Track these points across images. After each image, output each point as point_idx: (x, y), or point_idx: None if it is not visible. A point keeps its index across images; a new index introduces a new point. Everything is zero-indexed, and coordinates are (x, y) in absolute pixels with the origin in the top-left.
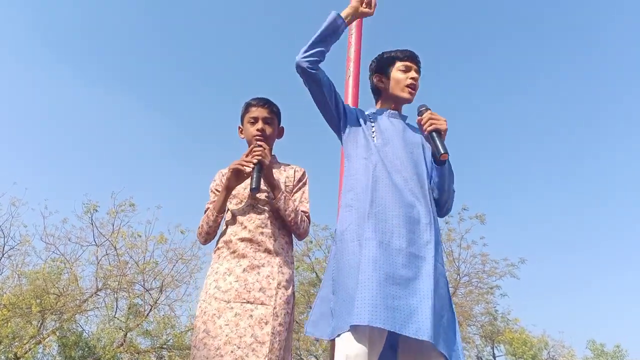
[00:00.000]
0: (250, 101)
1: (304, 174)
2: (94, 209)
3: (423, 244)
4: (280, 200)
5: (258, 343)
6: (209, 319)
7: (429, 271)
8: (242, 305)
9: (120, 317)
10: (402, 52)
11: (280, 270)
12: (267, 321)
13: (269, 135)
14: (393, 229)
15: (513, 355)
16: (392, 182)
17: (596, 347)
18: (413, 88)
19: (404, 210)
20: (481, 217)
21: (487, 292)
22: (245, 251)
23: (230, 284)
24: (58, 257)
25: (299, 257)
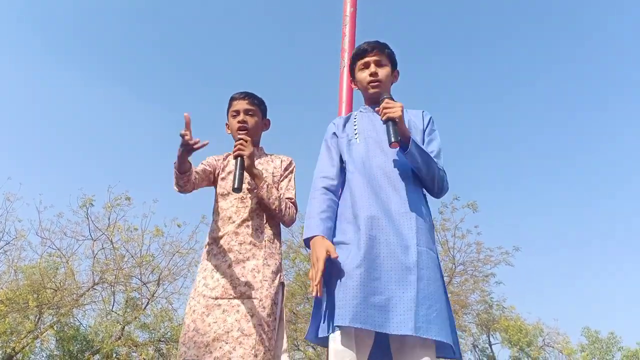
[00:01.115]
0: (233, 95)
1: (290, 163)
2: (90, 203)
3: (402, 233)
4: (263, 189)
5: (244, 336)
6: (197, 317)
7: (410, 261)
8: (229, 301)
9: (118, 311)
10: (356, 50)
11: (265, 262)
12: (252, 314)
13: (252, 127)
14: (370, 225)
15: (509, 342)
16: (367, 180)
17: (591, 333)
18: (375, 82)
19: (378, 205)
20: (473, 205)
21: (482, 281)
22: (231, 245)
23: (218, 280)
24: (54, 252)
25: (296, 248)
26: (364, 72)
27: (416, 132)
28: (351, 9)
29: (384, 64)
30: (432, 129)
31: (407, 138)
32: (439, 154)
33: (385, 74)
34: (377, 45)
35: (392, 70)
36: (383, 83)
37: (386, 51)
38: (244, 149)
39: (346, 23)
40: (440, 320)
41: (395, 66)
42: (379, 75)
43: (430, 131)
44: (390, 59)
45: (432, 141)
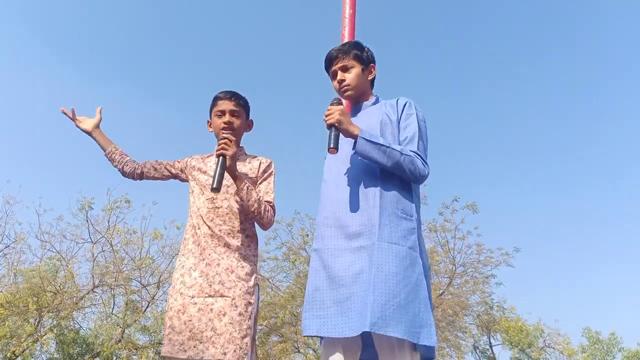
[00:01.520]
0: (218, 94)
1: (269, 165)
2: (89, 205)
3: (361, 233)
4: (243, 190)
5: (216, 335)
6: (174, 315)
7: (368, 259)
8: (204, 299)
9: (118, 314)
10: (325, 61)
11: (239, 264)
12: (225, 312)
13: (236, 128)
14: (328, 231)
15: (509, 343)
16: (329, 184)
17: (591, 334)
18: (344, 88)
19: (334, 208)
20: (473, 206)
21: (482, 282)
22: (207, 245)
23: (195, 279)
24: (54, 255)
25: (296, 250)
26: (335, 81)
27: (391, 124)
28: (350, 10)
29: (350, 67)
30: (408, 114)
31: (355, 137)
32: (413, 138)
33: (353, 77)
34: (341, 50)
35: (364, 69)
36: (352, 86)
37: (352, 53)
38: (228, 148)
39: (345, 25)
40: (399, 315)
41: (367, 63)
42: (347, 80)
43: (406, 116)
44: (357, 59)
45: (406, 127)
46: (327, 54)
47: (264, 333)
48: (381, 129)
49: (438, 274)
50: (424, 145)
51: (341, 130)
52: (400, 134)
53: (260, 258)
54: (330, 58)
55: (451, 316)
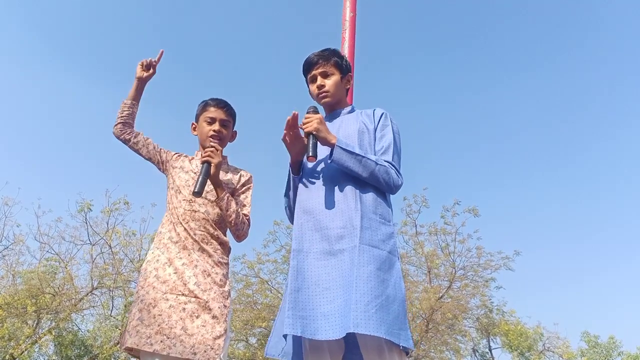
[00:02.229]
0: (209, 101)
1: (249, 179)
2: (88, 207)
3: (343, 236)
4: (223, 200)
5: (187, 335)
6: (144, 307)
7: (350, 261)
8: (177, 297)
9: (116, 316)
10: (303, 64)
11: (213, 269)
12: (198, 314)
13: (224, 137)
14: (308, 233)
15: (509, 346)
16: (307, 188)
17: (590, 338)
18: (323, 94)
19: (314, 210)
20: (474, 210)
21: (482, 285)
22: (185, 244)
23: (169, 275)
24: (52, 257)
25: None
26: (313, 86)
27: (368, 133)
28: (351, 13)
29: (330, 74)
30: (384, 125)
31: (332, 145)
32: (388, 149)
33: (332, 83)
34: (322, 55)
35: (342, 77)
36: (332, 92)
37: (332, 60)
38: (214, 157)
39: (346, 28)
40: (382, 315)
41: (345, 71)
42: (326, 86)
43: (382, 127)
44: (337, 66)
45: (382, 137)
46: (307, 58)
47: (263, 335)
48: (359, 137)
49: (438, 277)
50: (398, 156)
51: (319, 139)
52: (376, 144)
53: (259, 260)
54: (310, 63)
55: (451, 319)
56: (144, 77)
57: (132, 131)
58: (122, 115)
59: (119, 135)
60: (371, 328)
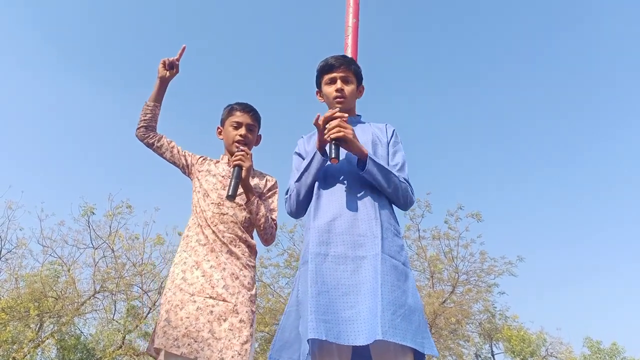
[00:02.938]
0: (235, 105)
1: (275, 184)
2: (91, 211)
3: (363, 243)
4: (253, 204)
5: (214, 339)
6: (171, 309)
7: (373, 269)
8: (205, 300)
9: (119, 320)
10: (322, 64)
11: (242, 272)
12: (225, 318)
13: (250, 142)
14: (326, 236)
15: (512, 352)
16: (327, 191)
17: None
18: (340, 99)
19: (335, 214)
20: (478, 215)
21: (485, 291)
22: (213, 247)
23: (197, 277)
24: (55, 260)
25: (297, 256)
26: (331, 87)
27: (381, 145)
28: (354, 20)
29: (350, 81)
30: (395, 141)
31: (365, 156)
32: (403, 166)
33: (350, 91)
34: (345, 61)
35: (357, 87)
36: (347, 99)
37: (352, 67)
38: (245, 160)
39: (348, 34)
40: (406, 325)
41: (360, 82)
42: (345, 91)
43: (395, 143)
44: (356, 76)
45: (396, 153)
46: (327, 59)
47: (265, 340)
48: (372, 148)
49: (441, 282)
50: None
51: (351, 146)
52: (391, 159)
53: (261, 264)
54: (332, 65)
55: (454, 324)
56: (166, 76)
57: (155, 134)
58: (144, 118)
59: (142, 138)
60: (398, 336)
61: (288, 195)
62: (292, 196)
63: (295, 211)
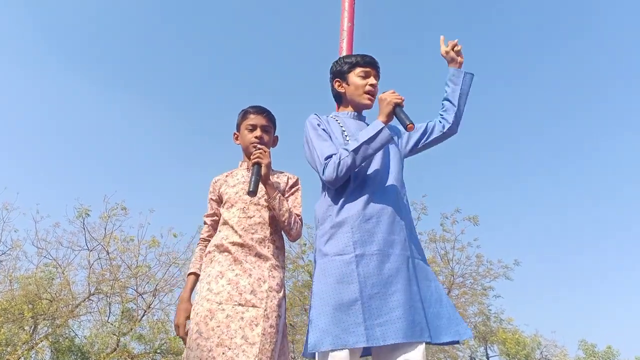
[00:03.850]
0: (249, 109)
1: (297, 181)
2: (86, 213)
3: (397, 242)
4: (276, 199)
5: (248, 344)
6: (201, 320)
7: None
8: (234, 307)
9: (114, 322)
10: (362, 57)
11: (270, 274)
12: (257, 323)
13: (266, 143)
14: (372, 236)
15: (507, 355)
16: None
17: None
18: (372, 94)
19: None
20: (474, 218)
21: (480, 293)
22: (237, 255)
23: (223, 286)
24: (50, 262)
25: (293, 259)
26: (364, 80)
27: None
28: (349, 23)
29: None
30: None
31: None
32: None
33: (378, 92)
34: (379, 66)
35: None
36: (375, 99)
37: (379, 72)
38: (263, 157)
39: (343, 38)
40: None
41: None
42: (376, 91)
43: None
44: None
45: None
46: (369, 55)
47: None
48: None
49: None
50: None
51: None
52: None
53: None
54: (373, 61)
55: None
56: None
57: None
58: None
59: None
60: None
61: (337, 162)
62: (342, 163)
63: (342, 177)
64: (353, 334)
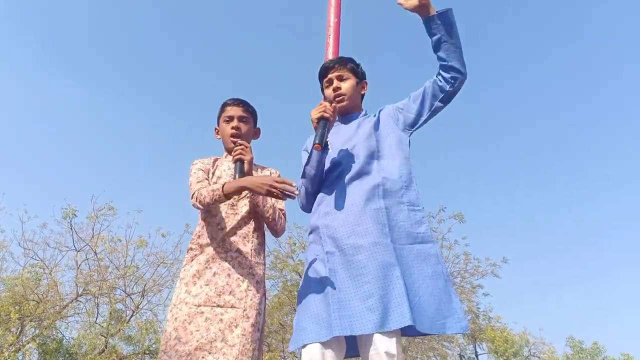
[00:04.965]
0: (226, 101)
1: (278, 176)
2: (73, 213)
3: (368, 233)
4: (259, 195)
5: (228, 346)
6: (180, 325)
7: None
8: (213, 309)
9: (102, 323)
10: (320, 69)
11: (250, 271)
12: (237, 324)
13: (244, 134)
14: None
15: (495, 353)
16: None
17: (575, 343)
18: (339, 97)
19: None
20: (460, 216)
21: (469, 292)
22: (218, 252)
23: (201, 287)
24: (37, 263)
25: (283, 258)
26: (329, 89)
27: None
28: (335, 19)
29: (346, 78)
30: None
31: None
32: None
33: (348, 87)
34: (339, 61)
35: (358, 82)
36: (348, 95)
37: (348, 65)
38: (245, 154)
39: (330, 33)
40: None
41: (361, 77)
42: (342, 89)
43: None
44: (353, 72)
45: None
46: (323, 63)
47: None
48: (380, 126)
49: None
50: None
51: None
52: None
53: None
54: (327, 67)
55: None
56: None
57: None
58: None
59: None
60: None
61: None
62: (301, 193)
63: (307, 204)
64: (323, 327)
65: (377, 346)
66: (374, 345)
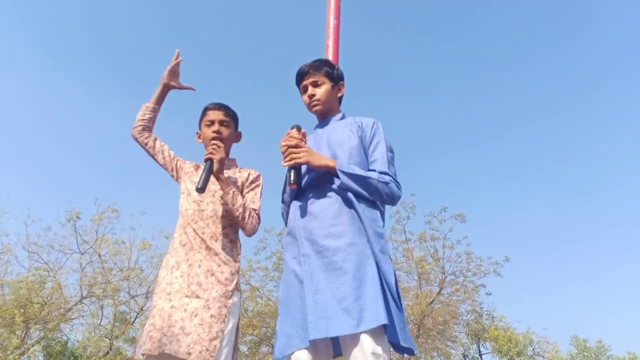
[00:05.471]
0: (208, 105)
1: (258, 177)
2: (76, 216)
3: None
4: (229, 194)
5: (184, 334)
6: (157, 313)
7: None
8: (181, 299)
9: (106, 325)
10: (296, 76)
11: (219, 268)
12: (197, 314)
13: (225, 137)
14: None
15: (499, 352)
16: (301, 194)
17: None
18: (314, 102)
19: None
20: (461, 215)
21: (472, 291)
22: (192, 246)
23: (176, 278)
24: (41, 266)
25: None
26: (305, 95)
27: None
28: (334, 21)
29: (320, 83)
30: (377, 133)
31: (333, 169)
32: (383, 158)
33: (323, 92)
34: (312, 65)
35: (333, 86)
36: (322, 101)
37: (323, 69)
38: (215, 153)
39: (329, 35)
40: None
41: (337, 80)
42: (317, 95)
43: (376, 136)
44: (328, 76)
45: (376, 146)
46: (298, 69)
47: (254, 343)
48: (349, 143)
49: (428, 282)
50: (394, 165)
51: (313, 165)
52: (370, 155)
53: (250, 268)
54: (301, 73)
55: (441, 325)
56: (170, 84)
57: (150, 135)
58: (142, 118)
59: (137, 137)
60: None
61: (282, 212)
62: (283, 214)
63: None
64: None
65: (363, 346)
66: (359, 345)
